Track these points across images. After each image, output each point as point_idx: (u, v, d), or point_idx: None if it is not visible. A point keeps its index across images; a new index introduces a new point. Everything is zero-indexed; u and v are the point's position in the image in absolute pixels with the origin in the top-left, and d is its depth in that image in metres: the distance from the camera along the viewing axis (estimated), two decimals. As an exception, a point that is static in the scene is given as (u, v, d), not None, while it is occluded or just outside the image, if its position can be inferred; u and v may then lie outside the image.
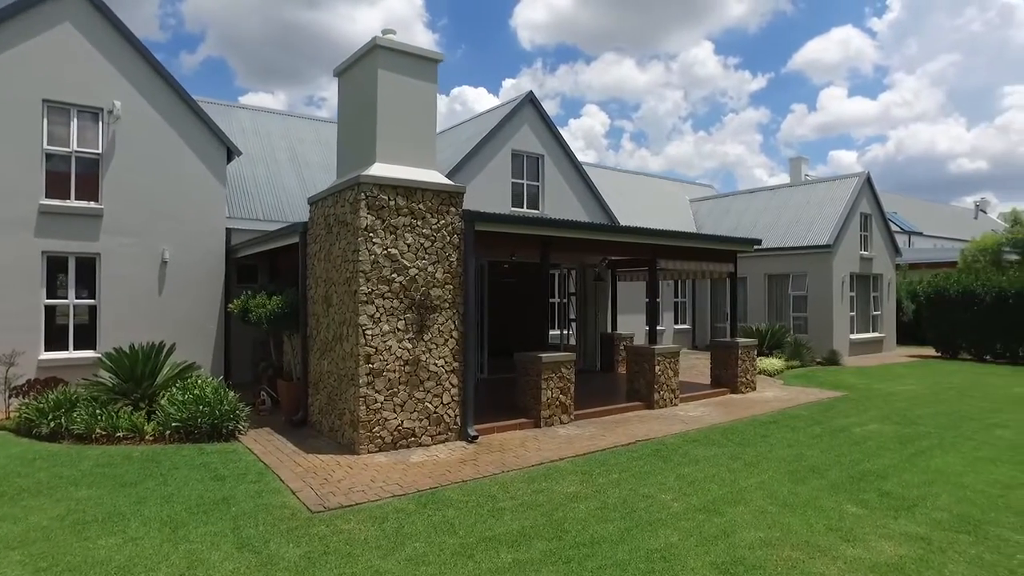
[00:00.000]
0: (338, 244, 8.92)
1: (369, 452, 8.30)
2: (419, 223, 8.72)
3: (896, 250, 23.81)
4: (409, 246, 8.64)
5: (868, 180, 22.24)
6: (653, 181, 29.10)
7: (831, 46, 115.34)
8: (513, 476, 7.43)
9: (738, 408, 11.62)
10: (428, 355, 8.76)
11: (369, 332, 8.31)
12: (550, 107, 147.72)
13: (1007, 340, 19.82)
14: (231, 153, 13.94)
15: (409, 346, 8.61)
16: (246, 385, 13.36)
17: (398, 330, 8.53)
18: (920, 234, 38.72)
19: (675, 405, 11.77)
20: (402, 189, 8.60)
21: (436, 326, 8.83)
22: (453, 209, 9.03)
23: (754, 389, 13.50)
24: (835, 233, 20.55)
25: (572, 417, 10.29)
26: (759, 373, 15.94)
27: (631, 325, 18.99)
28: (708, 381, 13.94)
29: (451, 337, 8.98)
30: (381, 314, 8.40)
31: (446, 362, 8.93)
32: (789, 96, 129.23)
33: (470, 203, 13.18)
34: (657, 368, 11.42)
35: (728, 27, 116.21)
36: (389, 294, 8.47)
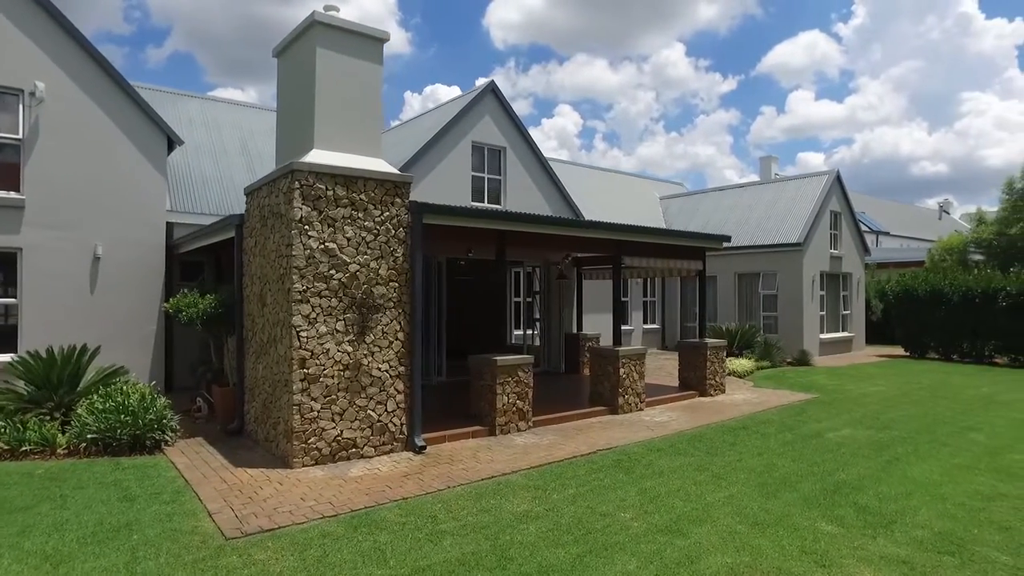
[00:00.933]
0: (272, 238, 8.16)
1: (304, 466, 7.56)
2: (361, 215, 8.00)
3: (865, 249, 23.63)
4: (349, 240, 7.91)
5: (838, 178, 21.99)
6: (623, 178, 28.63)
7: (799, 50, 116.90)
8: (459, 492, 6.75)
9: (706, 412, 11.09)
10: (371, 359, 8.04)
11: (304, 334, 7.56)
12: (522, 106, 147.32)
13: (973, 339, 19.69)
14: (172, 142, 13.04)
15: (349, 349, 7.88)
16: (189, 391, 12.49)
17: (337, 332, 7.80)
18: (887, 234, 38.88)
19: (640, 410, 11.20)
20: (342, 178, 7.87)
21: (380, 327, 8.12)
22: (399, 200, 8.32)
23: (723, 392, 13.00)
24: (805, 231, 20.23)
25: (530, 424, 9.65)
26: (729, 375, 15.49)
27: (599, 325, 18.41)
28: (676, 383, 13.41)
29: (396, 339, 8.27)
30: (318, 314, 7.67)
31: (391, 366, 8.22)
32: (758, 98, 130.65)
33: (427, 197, 12.49)
34: (622, 371, 10.84)
35: (699, 29, 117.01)
36: (327, 292, 7.74)
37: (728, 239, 12.95)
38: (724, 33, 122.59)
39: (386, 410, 8.17)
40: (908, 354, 21.39)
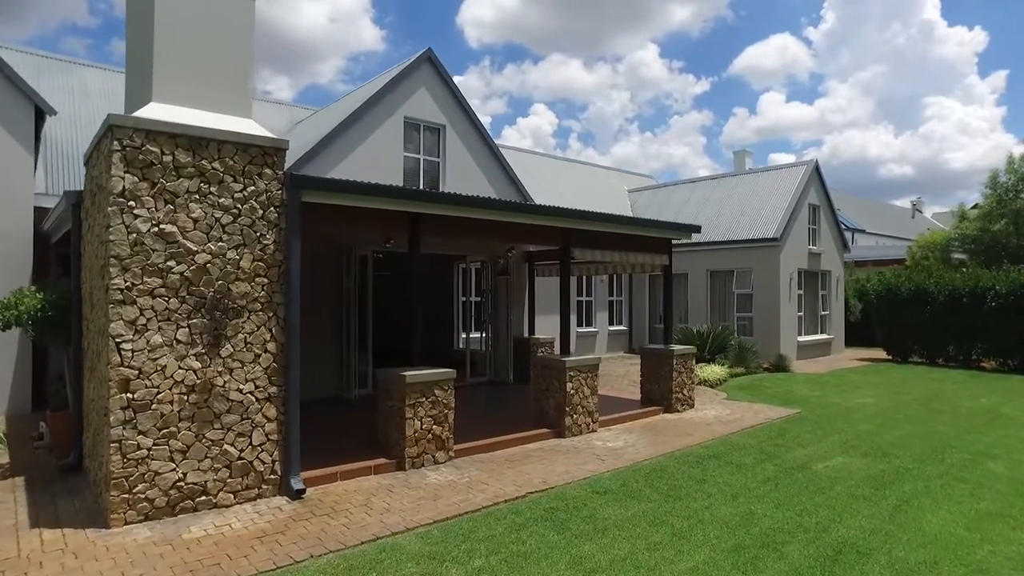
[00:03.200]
0: (97, 219, 6.19)
1: (127, 523, 5.60)
2: (214, 189, 6.06)
3: (845, 246, 22.16)
4: (197, 222, 5.97)
5: (816, 169, 20.45)
6: (588, 169, 26.85)
7: (770, 52, 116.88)
8: (323, 566, 4.86)
9: (671, 434, 9.32)
10: (228, 377, 6.10)
11: (128, 346, 5.61)
12: (497, 105, 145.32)
13: (960, 342, 18.24)
14: (43, 113, 10.94)
15: (197, 366, 5.94)
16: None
17: (178, 342, 5.85)
18: (863, 231, 37.69)
19: (592, 431, 9.38)
20: (185, 139, 5.92)
21: (241, 336, 6.18)
22: (269, 172, 6.39)
23: (692, 406, 11.25)
24: (782, 225, 18.64)
25: (451, 454, 7.77)
26: (700, 383, 13.78)
27: (556, 327, 16.60)
28: (639, 397, 11.63)
29: (266, 351, 6.34)
30: (149, 320, 5.71)
31: (258, 387, 6.29)
32: (731, 100, 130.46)
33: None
34: (569, 386, 9.01)
35: (672, 31, 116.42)
36: (163, 291, 5.79)
37: (698, 229, 11.19)
38: (697, 35, 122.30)
39: (251, 444, 6.23)
40: (890, 358, 19.91)
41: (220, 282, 6.06)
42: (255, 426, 6.26)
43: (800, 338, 19.56)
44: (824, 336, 20.91)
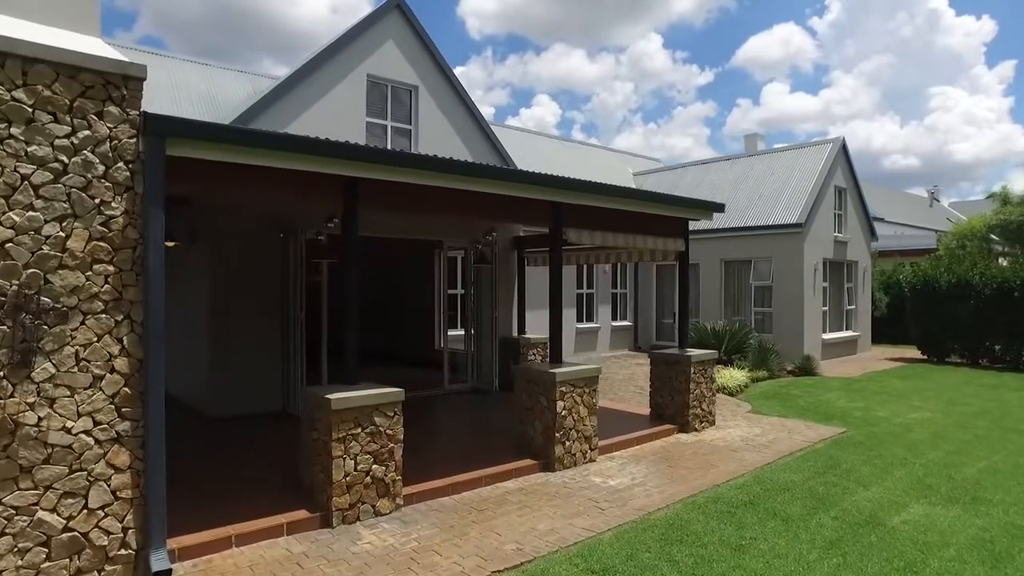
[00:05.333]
0: None
1: None
2: (21, 133, 4.07)
3: (872, 233, 20.12)
4: (-9, 179, 3.99)
5: (844, 148, 18.35)
6: (588, 150, 24.77)
7: (774, 42, 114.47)
8: None
9: (690, 466, 7.33)
10: (48, 411, 4.14)
11: None
12: (499, 96, 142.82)
13: (1009, 340, 16.20)
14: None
15: (-7, 395, 3.97)
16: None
17: (-40, 362, 3.88)
18: (882, 220, 35.47)
19: (590, 461, 7.41)
20: (-29, 53, 3.94)
21: (70, 350, 4.21)
22: (115, 111, 4.39)
23: (712, 424, 9.27)
24: (807, 209, 16.58)
25: (399, 501, 5.80)
26: (718, 391, 11.77)
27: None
28: (646, 411, 9.66)
29: (112, 371, 4.37)
30: (-93, 328, 3.74)
31: (98, 423, 4.32)
32: (734, 90, 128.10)
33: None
34: (561, 405, 7.03)
35: (674, 22, 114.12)
36: (-68, 283, 3.82)
37: (720, 208, 9.18)
38: (700, 25, 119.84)
39: (86, 508, 4.27)
40: (925, 358, 17.88)
41: (32, 271, 4.08)
42: (94, 481, 4.29)
43: (825, 336, 17.54)
44: (850, 333, 18.90)
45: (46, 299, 4.13)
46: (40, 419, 4.10)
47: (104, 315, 4.34)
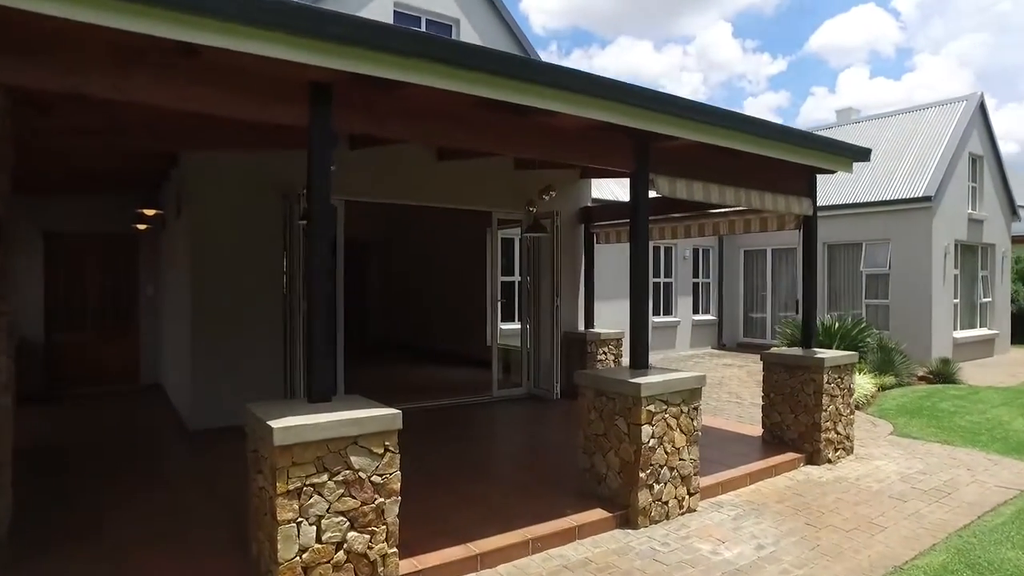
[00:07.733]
0: None
1: None
2: None
3: (1014, 212, 16.83)
4: None
5: (981, 106, 15.20)
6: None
7: (852, 26, 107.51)
8: None
9: (842, 529, 4.92)
10: None
11: None
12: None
13: None
14: None
15: None
16: None
17: None
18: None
19: (689, 511, 5.12)
20: None
21: None
22: None
23: (850, 452, 6.80)
24: (936, 180, 13.62)
25: (394, 592, 3.69)
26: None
27: (625, 318, 12.32)
28: (752, 429, 7.28)
29: None
30: None
31: None
32: (808, 79, 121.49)
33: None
34: (648, 431, 4.78)
35: (743, 10, 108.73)
36: None
37: (866, 154, 6.68)
38: (771, 11, 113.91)
39: None
40: (1084, 361, 14.63)
41: None
42: None
43: (956, 334, 14.53)
44: (985, 331, 15.74)
45: None
46: None
47: None
